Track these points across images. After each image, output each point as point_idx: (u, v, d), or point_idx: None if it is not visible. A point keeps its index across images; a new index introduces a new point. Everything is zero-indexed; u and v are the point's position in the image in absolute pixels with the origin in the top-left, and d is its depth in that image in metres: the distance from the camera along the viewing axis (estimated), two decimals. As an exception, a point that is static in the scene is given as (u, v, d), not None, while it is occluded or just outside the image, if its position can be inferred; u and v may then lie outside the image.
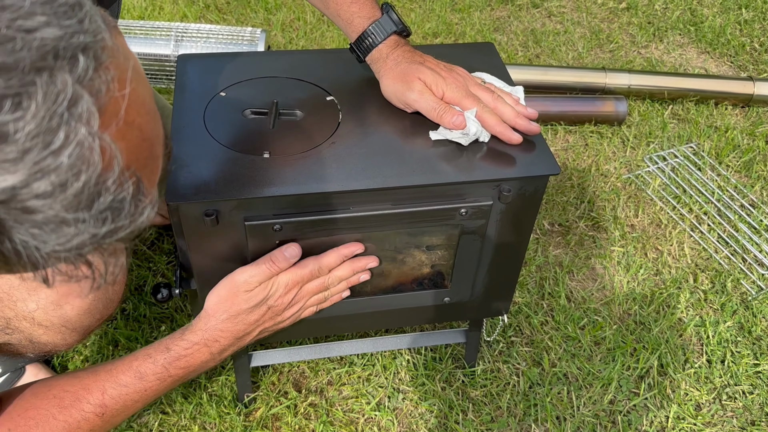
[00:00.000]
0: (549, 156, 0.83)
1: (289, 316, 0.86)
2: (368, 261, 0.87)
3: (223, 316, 0.81)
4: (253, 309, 0.82)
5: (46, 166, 0.35)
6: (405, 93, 0.84)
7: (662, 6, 2.22)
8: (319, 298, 0.87)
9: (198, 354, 0.82)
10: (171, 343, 0.82)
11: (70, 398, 0.76)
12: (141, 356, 0.80)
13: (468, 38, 2.00)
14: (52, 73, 0.35)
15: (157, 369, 0.80)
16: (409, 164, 0.80)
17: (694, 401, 1.16)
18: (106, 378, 0.78)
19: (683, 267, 1.38)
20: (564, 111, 1.69)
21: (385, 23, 0.86)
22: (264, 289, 0.81)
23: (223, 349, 0.84)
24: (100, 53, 0.38)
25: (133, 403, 0.79)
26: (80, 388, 0.77)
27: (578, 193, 1.53)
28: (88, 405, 0.76)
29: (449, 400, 1.13)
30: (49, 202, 0.36)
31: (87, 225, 0.38)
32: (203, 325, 0.82)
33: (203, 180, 0.76)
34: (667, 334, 1.25)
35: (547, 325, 1.25)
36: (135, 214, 0.41)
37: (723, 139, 1.69)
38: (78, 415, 0.76)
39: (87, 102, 0.36)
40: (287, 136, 0.83)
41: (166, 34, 1.72)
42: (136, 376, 0.79)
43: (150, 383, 0.79)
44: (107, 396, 0.77)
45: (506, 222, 0.87)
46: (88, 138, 0.36)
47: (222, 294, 0.81)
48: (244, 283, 0.80)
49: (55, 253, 0.39)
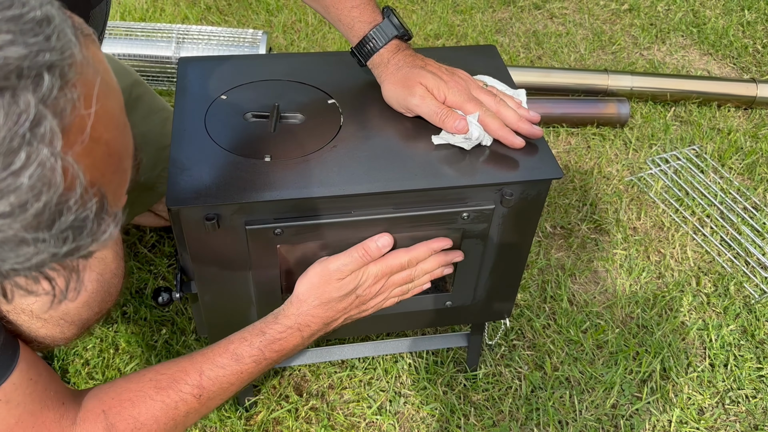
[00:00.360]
0: (551, 160, 0.83)
1: (373, 305, 0.87)
2: (455, 255, 0.88)
3: (315, 302, 0.82)
4: (343, 297, 0.82)
5: (5, 187, 0.35)
6: (407, 98, 0.84)
7: (665, 7, 2.21)
8: (402, 289, 0.88)
9: (291, 338, 0.82)
10: (265, 326, 0.82)
11: (167, 380, 0.76)
12: (237, 339, 0.80)
13: (470, 40, 2.00)
14: (15, 93, 0.34)
15: (253, 351, 0.80)
16: (410, 168, 0.80)
17: (697, 405, 1.15)
18: (203, 360, 0.78)
19: (686, 270, 1.37)
20: (566, 113, 1.69)
21: (386, 28, 0.86)
22: (355, 278, 0.82)
23: (313, 333, 0.84)
24: (66, 71, 0.37)
25: (229, 385, 0.79)
26: (177, 370, 0.77)
27: (580, 195, 1.52)
28: (186, 386, 0.76)
29: (451, 404, 1.12)
30: (8, 222, 0.36)
31: (47, 245, 0.38)
32: (296, 310, 0.82)
33: (204, 184, 0.75)
34: (670, 338, 1.24)
35: (549, 328, 1.25)
36: (97, 232, 0.41)
37: (726, 142, 1.69)
38: (176, 396, 0.76)
39: (50, 122, 0.35)
40: (288, 139, 0.83)
41: (167, 35, 1.72)
42: (233, 358, 0.79)
43: (246, 365, 0.79)
44: (205, 377, 0.77)
45: (508, 226, 0.86)
46: (51, 159, 0.36)
47: (314, 281, 0.82)
48: (336, 270, 0.81)
49: (14, 270, 0.38)
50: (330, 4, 0.88)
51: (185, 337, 1.19)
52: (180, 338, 1.19)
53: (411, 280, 0.87)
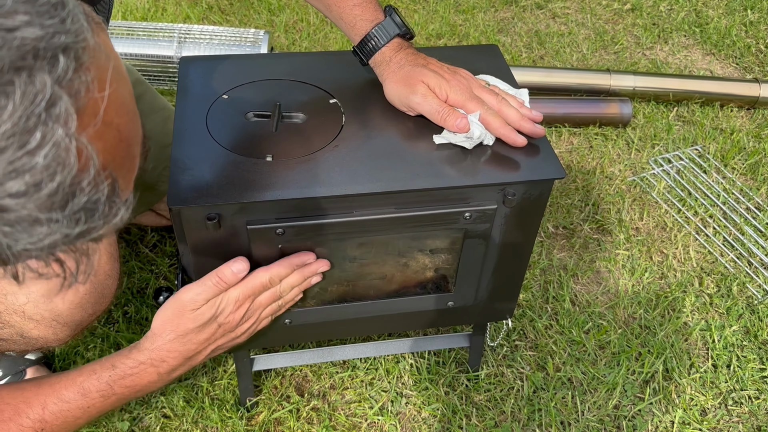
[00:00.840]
0: (554, 160, 0.82)
1: (243, 330, 0.83)
2: (318, 266, 0.84)
3: (170, 336, 0.79)
4: (202, 328, 0.79)
5: (20, 166, 0.35)
6: (408, 96, 0.83)
7: (667, 7, 2.21)
8: (272, 308, 0.84)
9: (144, 374, 0.79)
10: (117, 360, 0.79)
11: (10, 411, 0.74)
12: (86, 372, 0.78)
13: (472, 40, 1.99)
14: (31, 73, 0.34)
15: (101, 386, 0.77)
16: (412, 168, 0.80)
17: (700, 406, 1.15)
18: (49, 392, 0.76)
19: (688, 270, 1.37)
20: (568, 113, 1.68)
21: (388, 26, 0.86)
22: (212, 307, 0.78)
23: (172, 369, 0.81)
24: (81, 54, 0.37)
25: (75, 419, 0.77)
26: (21, 402, 0.75)
27: (583, 195, 1.52)
28: (27, 420, 0.74)
29: (453, 404, 1.12)
30: (23, 202, 0.36)
31: (60, 225, 0.38)
32: (150, 345, 0.79)
33: (205, 183, 0.75)
34: (673, 339, 1.24)
35: (551, 329, 1.25)
36: (109, 215, 0.41)
37: (728, 142, 1.68)
38: (16, 429, 0.74)
39: (65, 103, 0.36)
40: (290, 139, 0.83)
41: (169, 35, 1.72)
42: (79, 392, 0.76)
43: (93, 400, 0.77)
44: (47, 411, 0.75)
45: (511, 226, 0.86)
46: (65, 139, 0.36)
47: (167, 314, 0.79)
48: (190, 301, 0.77)
49: (26, 251, 0.39)
50: (332, 3, 0.88)
51: (186, 337, 1.19)
52: (181, 338, 1.19)
53: (279, 297, 0.83)
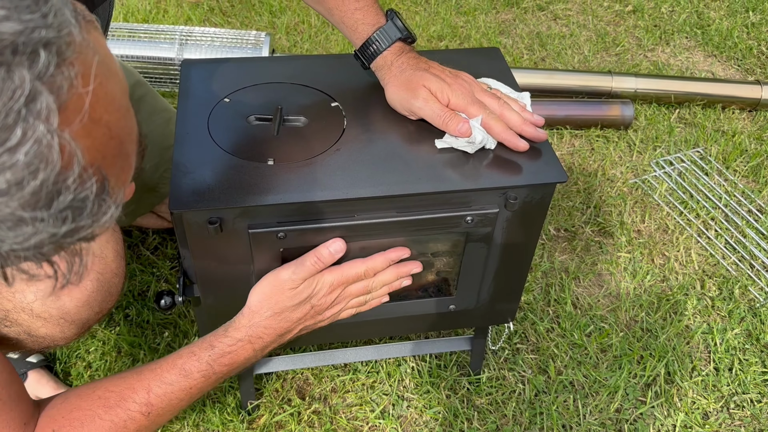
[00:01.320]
0: (556, 163, 0.82)
1: (329, 316, 0.85)
2: (413, 266, 0.86)
3: (267, 313, 0.80)
4: (297, 306, 0.81)
5: (1, 164, 0.34)
6: (410, 101, 0.83)
7: (669, 9, 2.21)
8: (359, 300, 0.86)
9: (242, 351, 0.81)
10: (215, 340, 0.81)
11: (115, 398, 0.76)
12: (185, 354, 0.79)
13: (473, 41, 1.99)
14: (10, 69, 0.34)
15: (201, 366, 0.79)
16: (414, 171, 0.79)
17: (702, 409, 1.15)
18: (151, 377, 0.78)
19: (690, 273, 1.37)
20: (570, 115, 1.68)
21: (390, 30, 0.86)
22: (308, 287, 0.80)
23: (266, 346, 0.83)
24: (64, 49, 0.37)
25: (179, 401, 0.79)
26: (125, 388, 0.76)
27: (584, 198, 1.52)
28: (134, 404, 0.76)
29: (454, 408, 1.12)
30: (5, 200, 0.36)
31: (46, 224, 0.38)
32: (247, 322, 0.81)
33: (207, 187, 0.75)
34: (674, 342, 1.24)
35: (553, 332, 1.24)
36: (98, 213, 0.41)
37: (730, 144, 1.68)
38: (124, 415, 0.75)
39: (46, 99, 0.35)
40: (292, 142, 0.83)
41: (170, 37, 1.72)
42: (181, 374, 0.78)
43: (195, 380, 0.79)
44: (153, 394, 0.77)
45: (512, 229, 0.86)
46: (47, 136, 0.35)
47: (266, 291, 0.80)
48: (288, 279, 0.79)
49: (14, 251, 0.38)
50: (333, 7, 0.88)
51: (188, 340, 1.19)
52: (182, 341, 1.19)
53: (368, 291, 0.85)
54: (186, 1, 2.09)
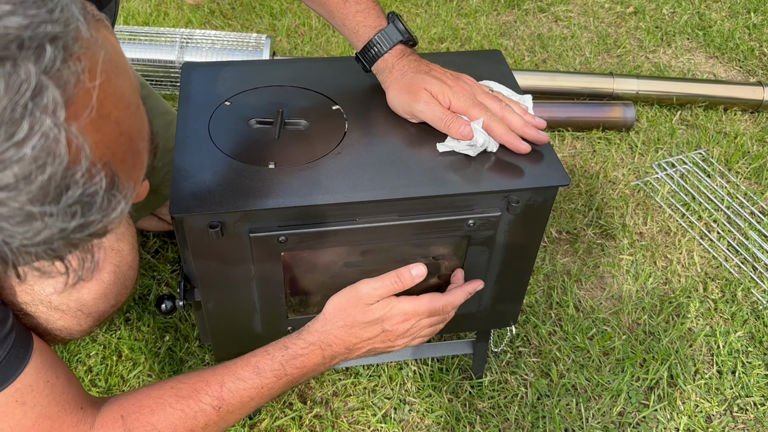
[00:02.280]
0: (558, 166, 0.82)
1: (401, 344, 0.85)
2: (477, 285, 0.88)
3: (340, 323, 0.81)
4: (368, 324, 0.81)
5: (8, 158, 0.34)
6: (411, 104, 0.83)
7: (670, 10, 2.20)
8: (432, 330, 0.87)
9: (312, 355, 0.81)
10: (288, 341, 0.81)
11: (188, 389, 0.76)
12: (259, 353, 0.80)
13: (474, 43, 1.99)
14: (16, 63, 0.34)
15: (274, 366, 0.79)
16: (416, 175, 0.79)
17: (705, 413, 1.14)
18: (225, 372, 0.78)
19: (693, 276, 1.36)
20: (571, 117, 1.68)
21: (391, 33, 0.85)
22: (383, 307, 0.80)
23: (334, 356, 0.82)
24: (70, 44, 0.37)
25: (249, 399, 0.78)
26: (199, 380, 0.77)
27: (586, 200, 1.51)
28: (206, 396, 0.76)
29: (456, 411, 1.11)
30: (14, 195, 0.35)
31: (55, 219, 0.38)
32: (320, 327, 0.81)
33: (208, 191, 0.75)
34: (677, 345, 1.23)
35: (555, 335, 1.24)
36: (107, 209, 0.41)
37: (732, 145, 1.67)
38: (195, 406, 0.75)
39: (53, 92, 0.35)
40: (293, 146, 0.82)
41: (171, 40, 1.71)
42: (254, 371, 0.78)
43: (267, 379, 0.79)
44: (225, 389, 0.77)
45: (514, 233, 0.85)
46: (54, 129, 0.35)
47: (343, 302, 0.81)
48: (366, 295, 0.80)
49: (24, 247, 0.38)
50: (335, 9, 0.87)
51: (188, 344, 1.19)
52: (183, 345, 1.18)
53: (443, 321, 0.87)
54: (186, 4, 2.09)
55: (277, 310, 0.88)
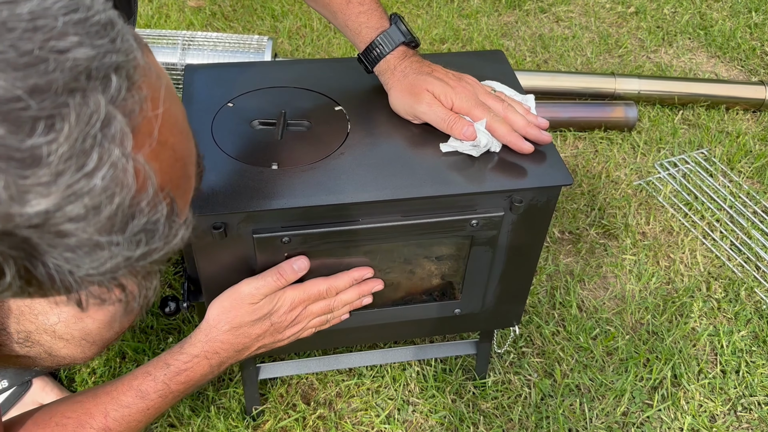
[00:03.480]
0: (561, 166, 0.82)
1: (289, 335, 0.85)
2: (374, 284, 0.86)
3: (225, 327, 0.80)
4: (255, 322, 0.80)
5: (79, 189, 0.34)
6: (414, 106, 0.83)
7: (671, 10, 2.20)
8: (320, 320, 0.86)
9: (198, 367, 0.80)
10: (170, 358, 0.80)
11: (73, 425, 0.74)
12: (140, 375, 0.78)
13: (475, 44, 1.99)
14: (85, 94, 0.34)
15: (158, 386, 0.78)
16: (419, 175, 0.79)
17: (709, 413, 1.14)
18: (108, 401, 0.76)
19: (696, 275, 1.36)
20: (573, 117, 1.68)
21: (393, 34, 0.85)
22: (269, 303, 0.80)
23: (222, 362, 0.82)
24: (132, 73, 0.37)
25: (137, 423, 0.78)
26: (82, 414, 0.75)
27: (588, 200, 1.51)
28: (92, 429, 0.74)
29: (460, 412, 1.11)
30: (83, 226, 0.35)
31: (121, 248, 0.38)
32: (203, 337, 0.80)
33: (211, 192, 0.75)
34: (681, 344, 1.23)
35: (558, 335, 1.24)
36: (169, 235, 0.41)
37: (735, 145, 1.67)
38: None
39: (120, 122, 0.35)
40: (296, 147, 0.82)
41: (172, 42, 1.72)
42: (137, 396, 0.77)
43: (152, 401, 0.78)
44: (110, 419, 0.75)
45: (518, 233, 0.85)
46: (122, 159, 0.35)
47: (225, 305, 0.80)
48: (248, 294, 0.79)
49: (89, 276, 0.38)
50: (337, 10, 0.87)
51: (192, 345, 1.19)
52: (187, 346, 1.18)
53: (330, 310, 0.85)
54: (188, 6, 2.10)
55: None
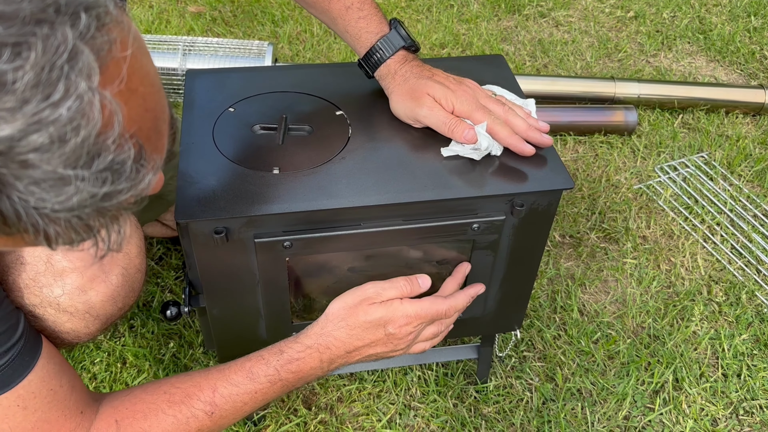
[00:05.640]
0: (562, 170, 0.82)
1: (401, 349, 0.84)
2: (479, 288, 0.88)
3: (341, 323, 0.79)
4: (370, 326, 0.79)
5: (44, 118, 0.35)
6: (414, 110, 0.83)
7: (670, 14, 2.21)
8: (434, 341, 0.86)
9: (309, 359, 0.79)
10: (284, 345, 0.80)
11: (181, 394, 0.76)
12: (254, 358, 0.79)
13: (475, 48, 1.99)
14: (53, 26, 0.35)
15: (269, 371, 0.78)
16: (420, 179, 0.79)
17: (711, 416, 1.14)
18: (218, 377, 0.78)
19: (696, 279, 1.36)
20: (573, 121, 1.68)
21: (393, 38, 0.86)
22: (386, 307, 0.79)
23: (333, 359, 0.81)
24: (102, 15, 0.38)
25: (243, 404, 0.78)
26: (191, 385, 0.77)
27: (589, 204, 1.51)
28: (199, 402, 0.76)
29: (461, 417, 1.11)
30: (48, 157, 0.36)
31: (86, 183, 0.38)
32: (319, 330, 0.80)
33: (213, 197, 0.75)
34: (682, 348, 1.23)
35: (559, 339, 1.24)
36: (136, 178, 0.41)
37: (734, 149, 1.68)
38: (188, 412, 0.75)
39: (88, 57, 0.36)
40: (297, 151, 0.83)
41: (173, 47, 1.72)
42: (247, 377, 0.78)
43: (261, 385, 0.78)
44: (218, 394, 0.76)
45: (519, 237, 0.85)
46: (88, 93, 0.36)
47: (348, 300, 0.80)
48: (373, 293, 0.79)
49: (55, 212, 0.38)
50: (337, 16, 0.88)
51: (193, 351, 1.19)
52: (188, 352, 1.18)
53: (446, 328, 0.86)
54: (189, 12, 2.10)
55: (282, 316, 0.88)
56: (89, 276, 0.78)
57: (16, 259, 0.77)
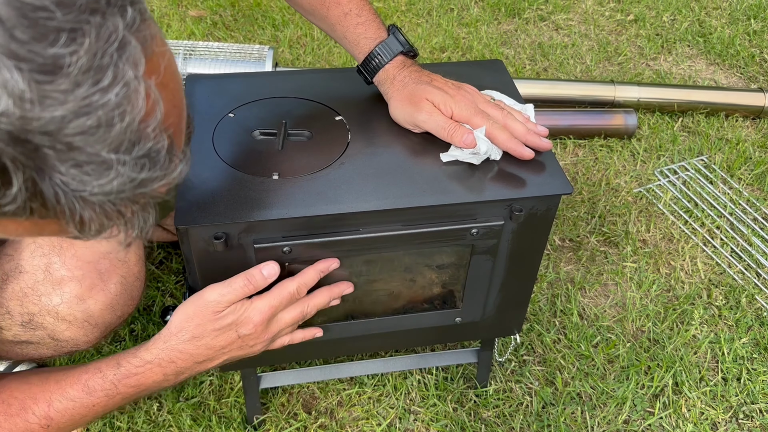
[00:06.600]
0: (561, 175, 0.82)
1: (261, 347, 0.81)
2: (344, 287, 0.84)
3: (186, 336, 0.76)
4: (219, 333, 0.76)
5: (94, 102, 0.37)
6: (414, 115, 0.84)
7: (670, 18, 2.21)
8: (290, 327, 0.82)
9: (149, 374, 0.77)
10: (123, 359, 0.77)
11: (17, 406, 0.74)
12: (92, 370, 0.76)
13: (475, 52, 2.00)
14: (105, 16, 0.37)
15: (105, 385, 0.76)
16: (419, 184, 0.79)
17: (710, 420, 1.14)
18: (55, 389, 0.75)
19: (696, 282, 1.36)
20: (573, 125, 1.68)
21: (392, 44, 0.86)
22: (234, 312, 0.75)
23: (180, 372, 0.78)
24: (144, 11, 0.40)
25: (81, 417, 0.76)
26: (28, 397, 0.75)
27: (589, 207, 1.51)
28: (33, 416, 0.74)
29: (461, 421, 1.11)
30: (93, 140, 0.38)
31: (126, 168, 0.40)
32: (162, 344, 0.76)
33: (212, 202, 0.75)
34: (682, 352, 1.23)
35: (559, 343, 1.24)
36: (169, 167, 0.43)
37: (734, 152, 1.68)
38: (22, 425, 0.74)
39: (135, 47, 0.38)
40: (296, 157, 0.83)
41: (174, 51, 1.72)
42: (84, 391, 0.75)
43: (98, 399, 0.76)
44: (53, 409, 0.75)
45: (518, 241, 0.86)
46: (134, 81, 0.38)
47: (189, 312, 0.76)
48: (214, 302, 0.75)
49: (93, 195, 0.40)
50: (336, 22, 0.88)
51: (193, 355, 1.19)
52: (188, 355, 1.18)
53: (303, 316, 0.81)
54: (189, 16, 2.11)
55: (282, 321, 0.88)
56: (88, 285, 0.78)
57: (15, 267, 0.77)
